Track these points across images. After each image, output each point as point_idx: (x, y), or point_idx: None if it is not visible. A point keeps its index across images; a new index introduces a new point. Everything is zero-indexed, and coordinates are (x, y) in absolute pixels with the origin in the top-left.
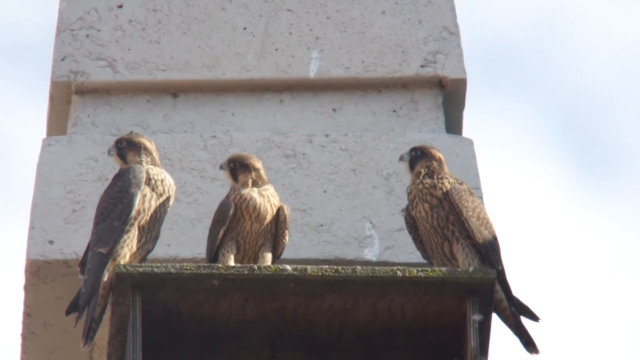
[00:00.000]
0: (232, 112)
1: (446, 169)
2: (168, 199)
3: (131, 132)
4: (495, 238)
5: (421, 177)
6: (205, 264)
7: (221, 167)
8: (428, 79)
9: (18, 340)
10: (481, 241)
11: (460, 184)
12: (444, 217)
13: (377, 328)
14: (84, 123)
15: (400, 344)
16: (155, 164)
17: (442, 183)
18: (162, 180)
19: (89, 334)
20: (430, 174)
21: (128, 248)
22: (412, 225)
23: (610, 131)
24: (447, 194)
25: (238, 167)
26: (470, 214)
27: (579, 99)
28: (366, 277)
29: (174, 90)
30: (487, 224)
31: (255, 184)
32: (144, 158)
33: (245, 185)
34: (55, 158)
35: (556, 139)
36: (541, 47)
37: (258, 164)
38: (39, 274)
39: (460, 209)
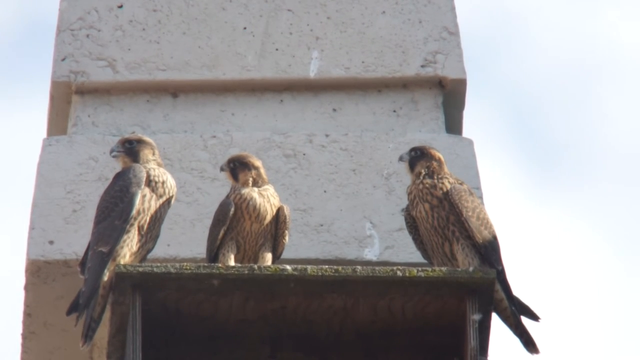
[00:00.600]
0: (232, 112)
1: (446, 169)
2: (169, 200)
3: (133, 133)
4: (495, 238)
5: (421, 177)
6: (205, 264)
7: (221, 169)
8: (428, 79)
9: (18, 340)
10: (481, 241)
11: (461, 184)
12: (444, 217)
13: (377, 328)
14: (84, 123)
15: (400, 344)
16: (159, 165)
17: (442, 183)
18: (163, 182)
19: (87, 334)
20: (431, 174)
21: (128, 247)
22: (412, 225)
23: (554, 128)
24: (447, 194)
25: (238, 167)
26: (470, 214)
27: (528, 96)
28: (366, 277)
29: (174, 90)
30: (487, 224)
31: (255, 183)
32: (152, 157)
33: (245, 184)
34: (56, 158)
35: (509, 135)
36: (492, 46)
37: (257, 163)
38: (39, 274)
39: (460, 209)
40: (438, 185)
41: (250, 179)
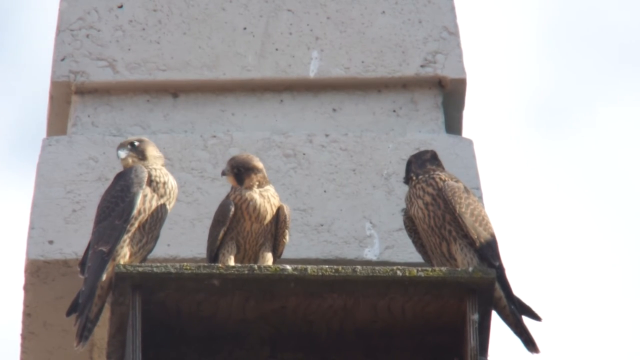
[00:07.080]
0: (232, 112)
1: (443, 167)
2: (170, 200)
3: (127, 138)
4: (491, 235)
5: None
6: (205, 264)
7: (223, 174)
8: (428, 79)
9: (18, 340)
10: (475, 236)
11: (457, 182)
12: (440, 216)
13: (377, 328)
14: (84, 123)
15: (400, 344)
16: (163, 164)
17: (434, 179)
18: (164, 183)
19: (83, 334)
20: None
21: (129, 247)
22: (412, 228)
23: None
24: (441, 191)
25: (243, 172)
26: (463, 210)
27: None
28: (366, 277)
29: (174, 90)
30: (482, 220)
31: (260, 185)
32: (157, 154)
33: (250, 188)
34: (55, 158)
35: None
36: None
37: (260, 165)
38: (39, 274)
39: (454, 204)
40: (429, 181)
41: (256, 183)
